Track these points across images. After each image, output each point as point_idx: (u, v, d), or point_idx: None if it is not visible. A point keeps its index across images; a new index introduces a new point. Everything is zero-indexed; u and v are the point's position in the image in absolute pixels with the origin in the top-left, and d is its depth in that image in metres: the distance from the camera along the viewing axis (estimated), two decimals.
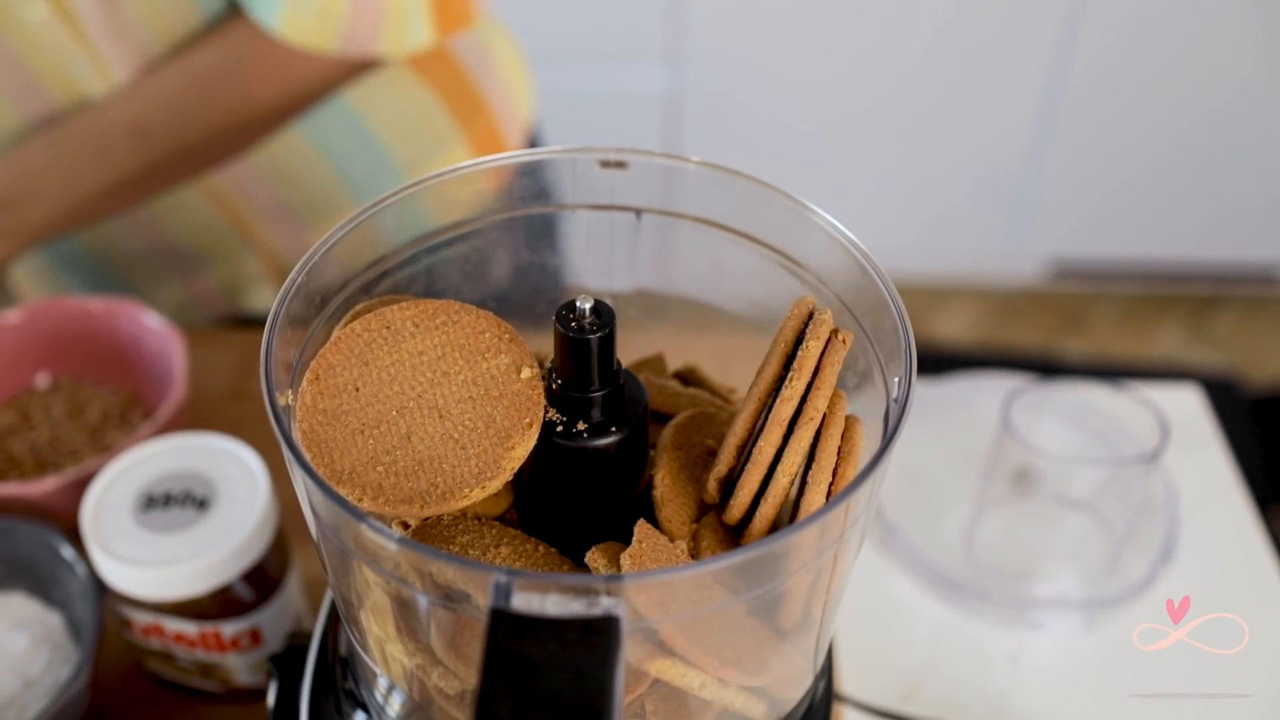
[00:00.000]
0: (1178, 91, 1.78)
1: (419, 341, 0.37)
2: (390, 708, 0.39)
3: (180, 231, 0.81)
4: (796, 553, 0.31)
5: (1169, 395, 0.76)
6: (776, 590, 0.33)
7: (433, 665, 0.34)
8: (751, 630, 0.35)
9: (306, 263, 0.37)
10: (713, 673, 0.34)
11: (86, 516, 0.54)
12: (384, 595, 0.35)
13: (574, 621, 0.28)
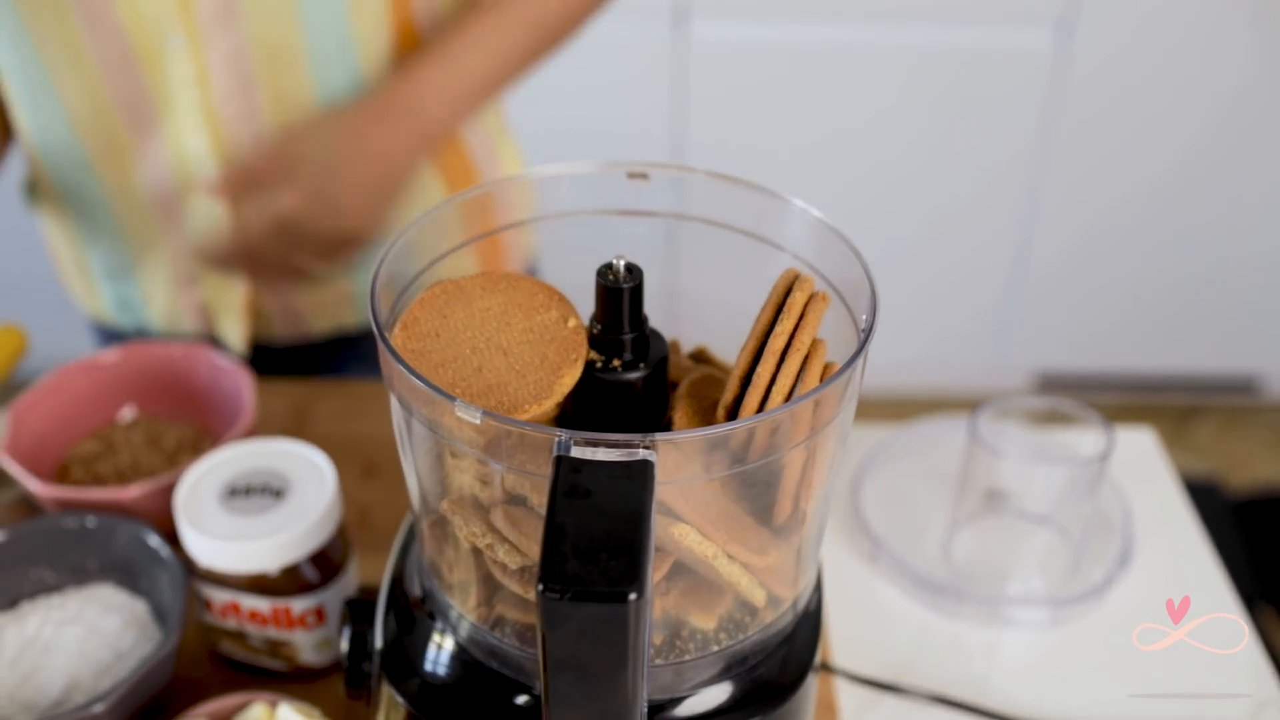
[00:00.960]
0: (1156, 212, 1.92)
1: (486, 301, 0.47)
2: (463, 607, 0.47)
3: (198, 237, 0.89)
4: (779, 431, 0.41)
5: (1126, 435, 0.85)
6: (765, 470, 0.42)
7: (500, 543, 0.43)
8: (751, 512, 0.44)
9: (395, 242, 0.47)
10: (721, 545, 0.43)
11: (180, 501, 0.63)
12: (464, 482, 0.44)
13: (618, 463, 0.37)
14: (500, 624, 0.46)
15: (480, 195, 0.51)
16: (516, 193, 0.53)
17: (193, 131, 0.81)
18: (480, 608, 0.47)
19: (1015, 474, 0.74)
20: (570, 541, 0.35)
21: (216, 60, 0.79)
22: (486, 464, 0.43)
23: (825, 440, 0.43)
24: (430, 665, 0.47)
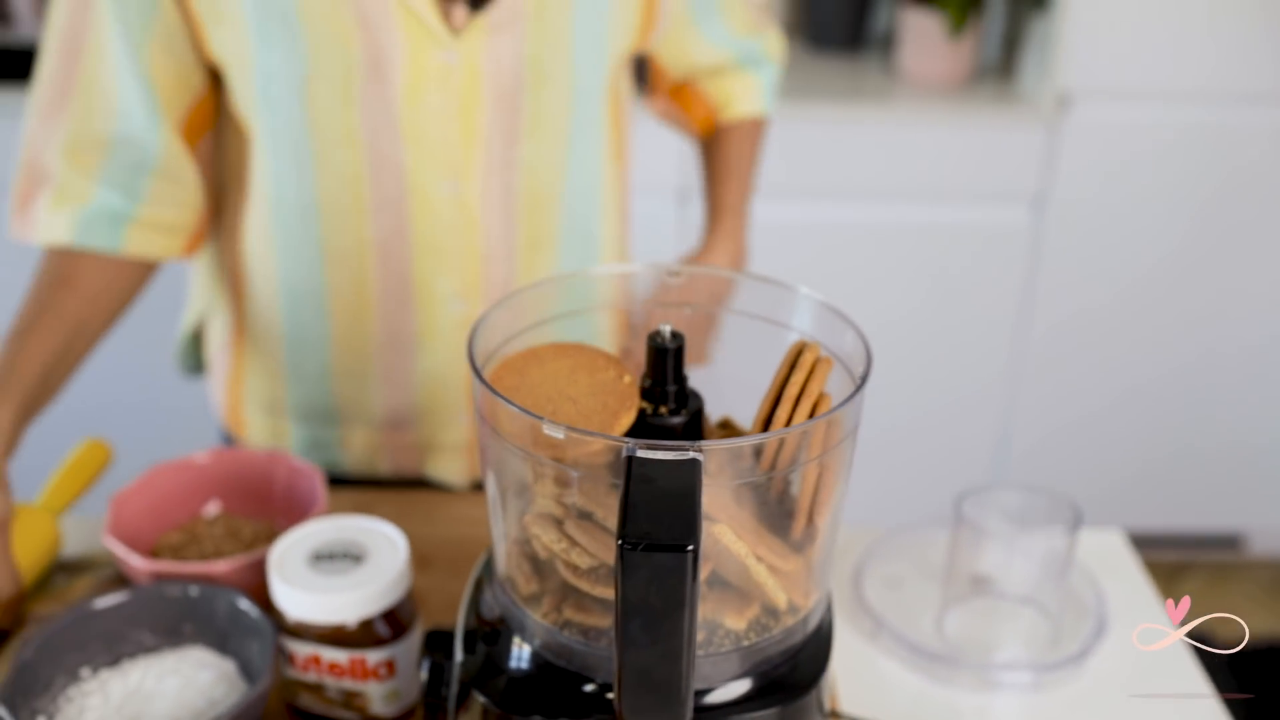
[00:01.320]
0: (1139, 376, 2.06)
1: (557, 363, 0.59)
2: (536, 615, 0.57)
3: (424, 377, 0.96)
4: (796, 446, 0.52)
5: (1097, 535, 0.96)
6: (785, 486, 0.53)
7: (573, 547, 0.53)
8: (774, 528, 0.55)
9: (485, 317, 0.59)
10: (752, 546, 0.53)
11: (273, 562, 0.73)
12: (542, 502, 0.54)
13: (674, 460, 0.48)
14: (568, 625, 0.56)
15: (558, 283, 0.64)
16: (583, 284, 0.65)
17: (448, 272, 0.89)
18: (551, 614, 0.56)
19: (997, 558, 0.84)
20: (640, 511, 0.46)
21: (486, 205, 0.88)
22: (563, 483, 0.53)
23: (832, 461, 0.54)
24: (512, 664, 0.57)
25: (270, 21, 0.82)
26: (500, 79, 0.87)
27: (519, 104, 0.88)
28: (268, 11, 0.81)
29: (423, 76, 0.85)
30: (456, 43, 0.85)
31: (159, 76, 0.86)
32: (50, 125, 0.86)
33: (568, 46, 0.88)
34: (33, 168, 0.87)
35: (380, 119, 0.85)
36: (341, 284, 0.92)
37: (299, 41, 0.82)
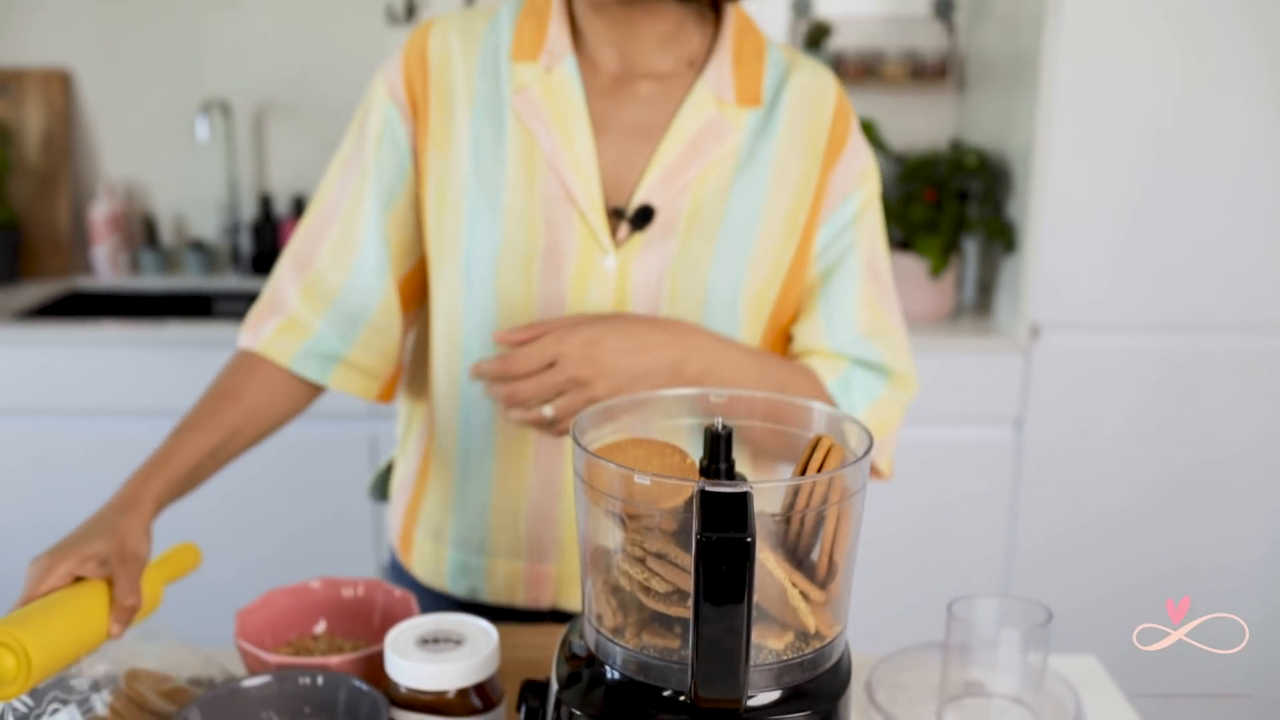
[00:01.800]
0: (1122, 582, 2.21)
1: (634, 451, 0.78)
2: (620, 640, 0.73)
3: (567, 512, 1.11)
4: (818, 490, 0.70)
5: (1072, 661, 1.11)
6: (812, 526, 0.71)
7: (652, 576, 0.71)
8: (803, 567, 0.72)
9: (584, 413, 0.78)
10: (787, 576, 0.70)
11: (389, 642, 0.89)
12: (631, 535, 0.72)
13: (732, 493, 0.66)
14: (646, 648, 0.72)
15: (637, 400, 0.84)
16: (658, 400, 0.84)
17: None
18: (633, 639, 0.73)
19: (983, 661, 0.99)
20: (711, 518, 0.64)
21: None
22: (644, 529, 0.71)
23: (845, 512, 0.72)
24: (605, 678, 0.73)
25: (480, 211, 1.06)
26: (646, 286, 1.07)
27: (659, 310, 1.08)
28: (480, 203, 1.06)
29: (588, 273, 1.06)
30: (617, 251, 1.07)
31: (394, 241, 1.11)
32: (297, 268, 1.12)
33: (704, 271, 1.07)
34: (274, 298, 1.13)
35: (552, 299, 1.07)
36: (509, 432, 1.11)
37: (498, 228, 1.06)
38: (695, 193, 1.07)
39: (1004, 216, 2.28)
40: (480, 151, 1.07)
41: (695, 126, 1.07)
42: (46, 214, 2.67)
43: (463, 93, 1.08)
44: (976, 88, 2.52)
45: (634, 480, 0.70)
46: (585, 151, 1.06)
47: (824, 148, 1.10)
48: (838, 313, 1.11)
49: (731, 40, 1.10)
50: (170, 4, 2.66)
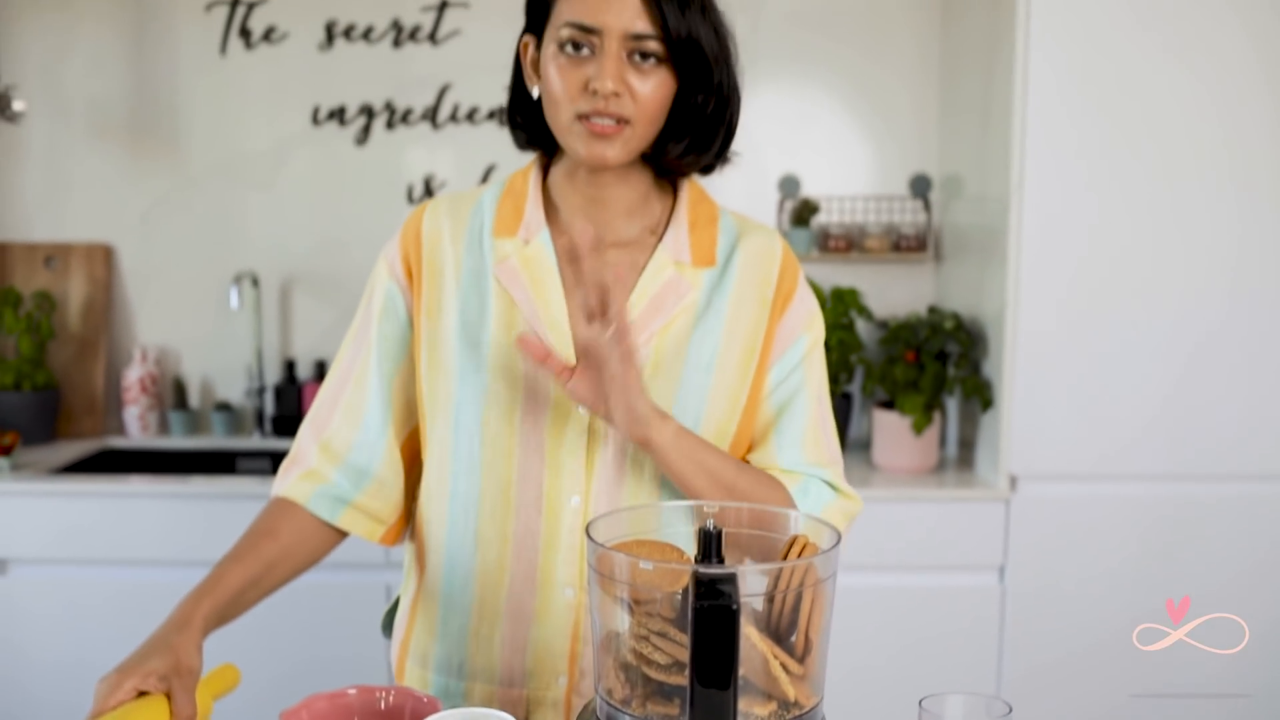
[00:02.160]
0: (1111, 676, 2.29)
1: (640, 549, 0.91)
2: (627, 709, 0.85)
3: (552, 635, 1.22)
4: (795, 574, 0.83)
5: None
6: (792, 606, 0.84)
7: (655, 650, 0.83)
8: (783, 643, 0.85)
9: (594, 521, 0.92)
10: (769, 649, 0.83)
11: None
12: (635, 625, 0.85)
13: (721, 573, 0.79)
14: (650, 715, 0.84)
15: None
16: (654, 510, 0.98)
17: (565, 565, 1.20)
18: (639, 707, 0.85)
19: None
20: (705, 591, 0.77)
21: (595, 512, 1.18)
22: (648, 612, 0.84)
23: (819, 595, 0.85)
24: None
25: (468, 368, 1.22)
26: (614, 430, 1.20)
27: (625, 454, 1.22)
28: (468, 361, 1.22)
29: (564, 417, 1.21)
30: None
31: (396, 405, 1.27)
32: (315, 429, 1.28)
33: (668, 410, 1.20)
34: (297, 454, 1.28)
35: (532, 441, 1.21)
36: (487, 565, 1.23)
37: (484, 382, 1.21)
38: (658, 343, 1.22)
39: (981, 375, 2.45)
40: (467, 316, 1.23)
41: (657, 286, 1.23)
42: (84, 377, 2.84)
43: (450, 267, 1.24)
44: (951, 258, 2.72)
45: (639, 567, 0.83)
46: (559, 311, 1.21)
47: (772, 299, 1.25)
48: (788, 441, 1.25)
49: (687, 209, 1.26)
50: (206, 185, 2.90)
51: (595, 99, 1.14)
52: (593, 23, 1.13)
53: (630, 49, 1.14)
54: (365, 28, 2.88)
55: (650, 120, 1.18)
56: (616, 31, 1.13)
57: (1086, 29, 2.24)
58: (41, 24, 2.85)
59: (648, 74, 1.15)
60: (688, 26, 1.14)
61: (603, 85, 1.13)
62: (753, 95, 2.79)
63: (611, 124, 1.15)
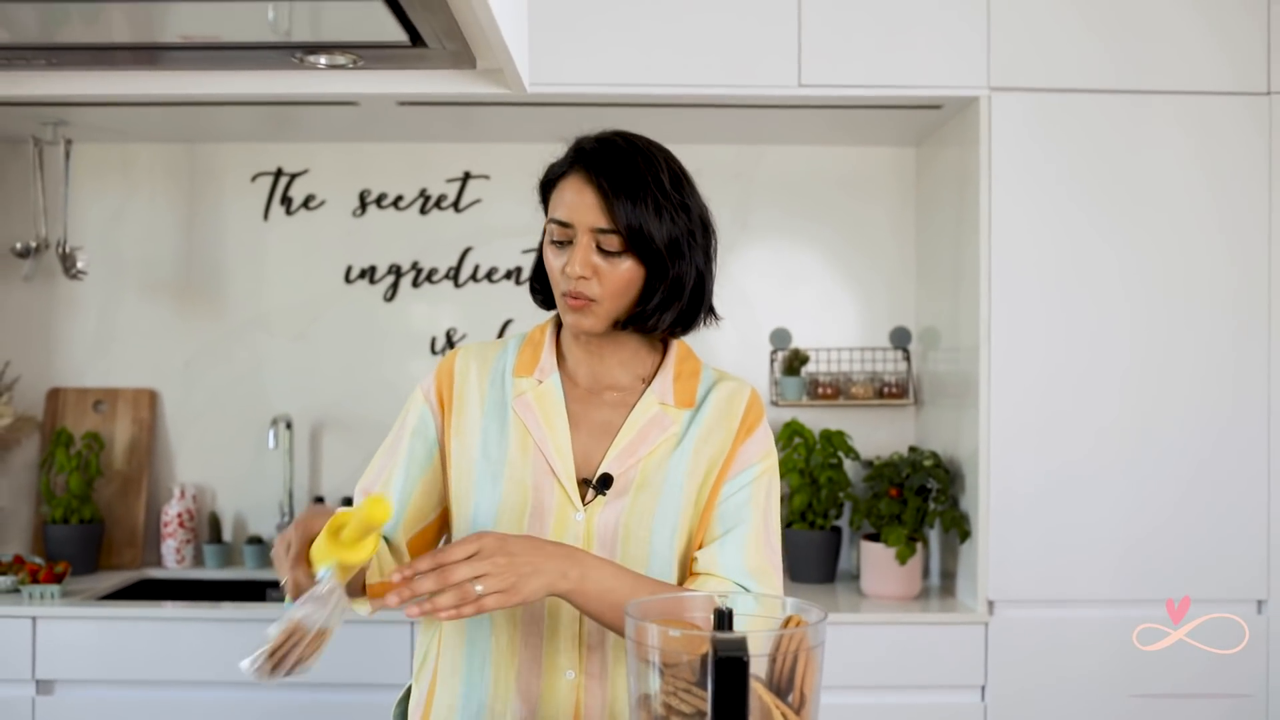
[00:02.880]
0: None
1: (669, 644, 1.12)
2: None
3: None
4: (793, 640, 1.05)
5: None
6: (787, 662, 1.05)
7: (681, 702, 1.04)
8: (786, 700, 1.06)
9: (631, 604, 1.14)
10: (773, 701, 1.04)
11: None
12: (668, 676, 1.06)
13: (734, 638, 1.01)
14: None
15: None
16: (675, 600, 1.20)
17: (566, 652, 1.41)
18: None
19: None
20: (722, 646, 0.99)
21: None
22: (677, 675, 1.05)
23: (812, 659, 1.06)
24: None
25: (486, 480, 1.46)
26: (605, 532, 1.45)
27: (614, 551, 1.45)
28: (486, 475, 1.47)
29: (564, 523, 1.45)
30: (585, 509, 1.45)
31: (409, 510, 1.50)
32: None
33: (647, 520, 1.45)
34: None
35: None
36: (501, 648, 1.45)
37: (499, 491, 1.46)
38: (643, 467, 1.47)
39: (959, 508, 2.67)
40: (488, 439, 1.49)
41: (643, 421, 1.49)
42: (127, 512, 3.04)
43: (475, 399, 1.51)
44: (930, 403, 2.98)
45: (669, 634, 1.05)
46: (563, 439, 1.47)
47: (737, 429, 1.50)
48: (731, 547, 1.45)
49: (674, 363, 1.53)
50: (245, 336, 3.16)
51: (570, 281, 1.42)
52: (567, 219, 1.43)
53: (597, 241, 1.42)
54: (395, 196, 3.19)
55: (615, 297, 1.44)
56: (584, 227, 1.42)
57: (1040, 199, 2.54)
58: (103, 192, 3.16)
59: (614, 261, 1.43)
60: (639, 221, 1.41)
61: (572, 269, 1.42)
62: (745, 256, 3.10)
63: (581, 300, 1.43)
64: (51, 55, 1.28)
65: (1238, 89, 2.55)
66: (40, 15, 1.13)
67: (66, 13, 1.12)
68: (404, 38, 1.12)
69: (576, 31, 2.53)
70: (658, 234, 1.42)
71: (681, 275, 1.46)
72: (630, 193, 1.40)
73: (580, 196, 1.42)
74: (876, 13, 2.56)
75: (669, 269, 1.44)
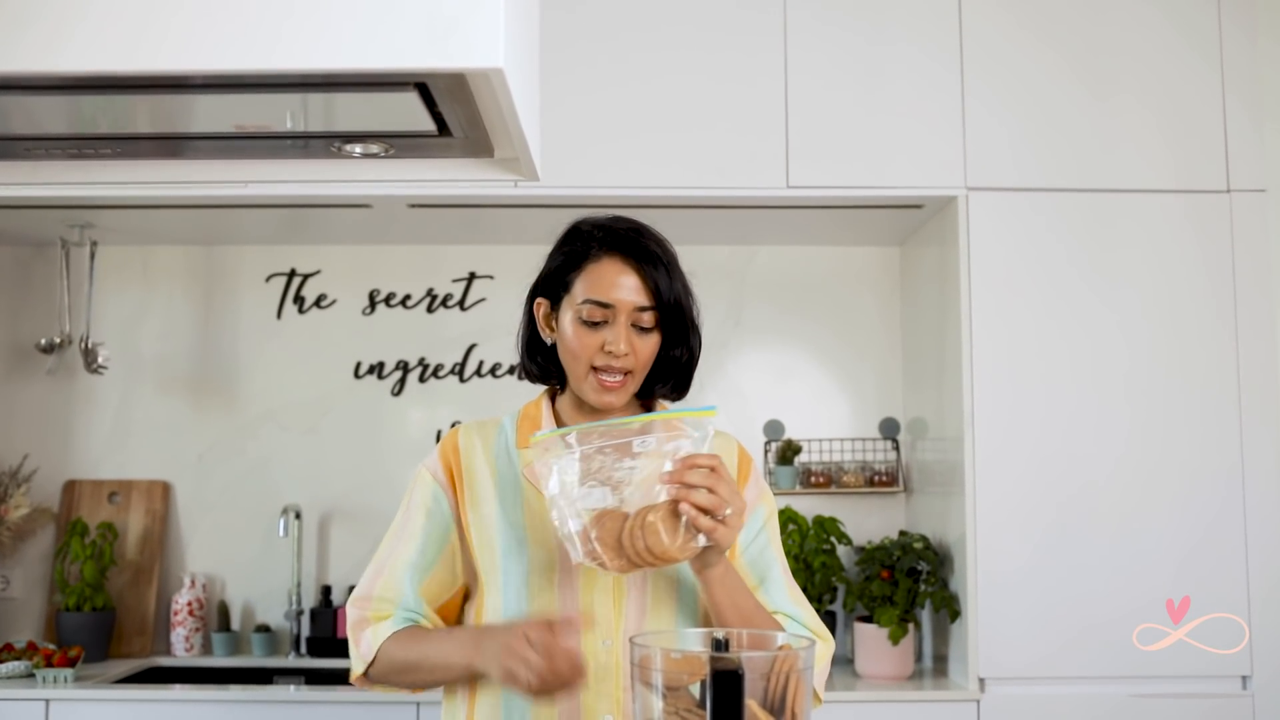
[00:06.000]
0: None
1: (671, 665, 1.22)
2: None
3: None
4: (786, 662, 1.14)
5: None
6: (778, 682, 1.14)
7: (682, 719, 1.13)
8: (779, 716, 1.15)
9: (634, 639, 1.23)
10: (767, 718, 1.13)
11: None
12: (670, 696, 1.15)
13: (730, 656, 1.11)
14: None
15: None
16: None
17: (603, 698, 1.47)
18: None
19: None
20: (719, 663, 1.08)
21: (626, 655, 1.43)
22: (679, 697, 1.15)
23: (800, 681, 1.16)
24: None
25: (511, 546, 1.55)
26: (635, 579, 1.53)
27: (645, 591, 1.53)
28: (511, 541, 1.55)
29: (593, 576, 1.52)
30: None
31: (434, 579, 1.58)
32: (364, 602, 1.57)
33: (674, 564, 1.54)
34: (356, 626, 1.57)
35: (568, 598, 1.52)
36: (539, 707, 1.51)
37: (526, 556, 1.54)
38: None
39: (949, 589, 2.75)
40: (506, 508, 1.57)
41: None
42: (138, 600, 3.11)
43: (485, 472, 1.60)
44: (919, 490, 3.08)
45: (671, 657, 1.15)
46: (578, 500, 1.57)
47: (735, 478, 1.61)
48: (774, 589, 1.58)
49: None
50: (257, 429, 3.27)
51: (610, 358, 1.53)
52: (608, 299, 1.53)
53: (633, 320, 1.54)
54: (404, 295, 3.33)
55: (644, 368, 1.58)
56: (626, 307, 1.53)
57: (1018, 293, 2.69)
58: (125, 291, 3.30)
59: (646, 336, 1.55)
60: (674, 294, 1.55)
61: (617, 348, 1.52)
62: (739, 351, 3.24)
63: (619, 379, 1.54)
64: (79, 145, 1.39)
65: (1198, 187, 2.72)
66: (70, 108, 1.22)
67: (93, 105, 1.20)
68: (432, 127, 1.26)
69: (580, 139, 2.71)
70: (685, 301, 1.56)
71: (694, 343, 1.60)
72: (665, 270, 1.54)
73: (619, 279, 1.53)
74: (859, 118, 2.74)
75: (689, 338, 1.58)
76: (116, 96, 1.18)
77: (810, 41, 2.76)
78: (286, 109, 1.23)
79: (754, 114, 2.74)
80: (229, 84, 1.14)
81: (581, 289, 1.54)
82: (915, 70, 2.75)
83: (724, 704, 1.07)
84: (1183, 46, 2.75)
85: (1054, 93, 2.73)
